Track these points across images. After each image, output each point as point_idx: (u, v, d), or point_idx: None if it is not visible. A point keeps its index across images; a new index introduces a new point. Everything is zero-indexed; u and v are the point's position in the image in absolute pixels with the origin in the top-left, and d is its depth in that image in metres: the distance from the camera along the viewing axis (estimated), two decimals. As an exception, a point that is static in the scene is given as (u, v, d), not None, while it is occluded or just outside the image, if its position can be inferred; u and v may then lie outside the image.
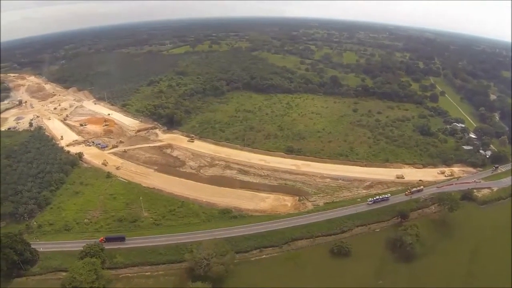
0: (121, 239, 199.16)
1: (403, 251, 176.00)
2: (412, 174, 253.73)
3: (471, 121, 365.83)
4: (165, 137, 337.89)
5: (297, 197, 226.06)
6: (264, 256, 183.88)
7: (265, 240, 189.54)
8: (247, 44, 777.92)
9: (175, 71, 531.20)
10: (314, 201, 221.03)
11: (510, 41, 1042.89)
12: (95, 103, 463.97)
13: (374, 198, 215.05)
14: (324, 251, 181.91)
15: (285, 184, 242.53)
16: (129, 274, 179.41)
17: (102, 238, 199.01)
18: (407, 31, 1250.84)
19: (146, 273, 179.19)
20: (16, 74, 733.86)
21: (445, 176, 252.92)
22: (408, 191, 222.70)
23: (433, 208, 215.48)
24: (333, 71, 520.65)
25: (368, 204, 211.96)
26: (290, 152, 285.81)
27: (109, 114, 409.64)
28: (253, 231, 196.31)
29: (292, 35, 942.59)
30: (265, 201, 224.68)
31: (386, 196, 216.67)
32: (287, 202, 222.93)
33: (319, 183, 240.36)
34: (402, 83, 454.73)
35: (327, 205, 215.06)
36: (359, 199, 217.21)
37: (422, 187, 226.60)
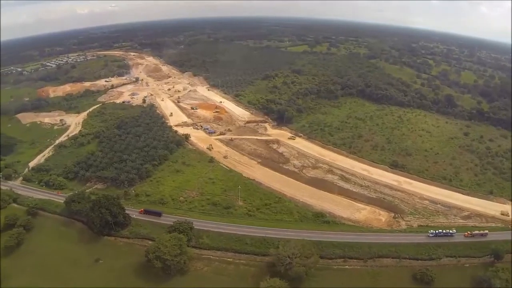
0: (158, 214, 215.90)
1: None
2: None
3: None
4: (273, 132, 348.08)
5: (393, 214, 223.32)
6: (347, 266, 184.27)
7: (351, 251, 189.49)
8: (365, 51, 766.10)
9: (291, 68, 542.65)
10: (409, 221, 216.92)
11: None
12: (208, 90, 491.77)
13: (436, 231, 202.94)
14: (407, 274, 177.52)
15: (383, 198, 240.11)
16: (211, 256, 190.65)
17: (142, 209, 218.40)
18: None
19: (228, 259, 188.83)
20: (136, 54, 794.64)
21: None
22: (468, 232, 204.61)
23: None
24: (448, 89, 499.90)
25: (428, 236, 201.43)
26: (394, 166, 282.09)
27: (221, 102, 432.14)
28: (342, 239, 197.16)
29: (411, 47, 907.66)
30: (360, 212, 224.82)
31: (450, 231, 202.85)
32: (381, 217, 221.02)
33: (417, 204, 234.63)
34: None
35: (420, 228, 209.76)
36: (454, 229, 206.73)
37: (487, 231, 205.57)
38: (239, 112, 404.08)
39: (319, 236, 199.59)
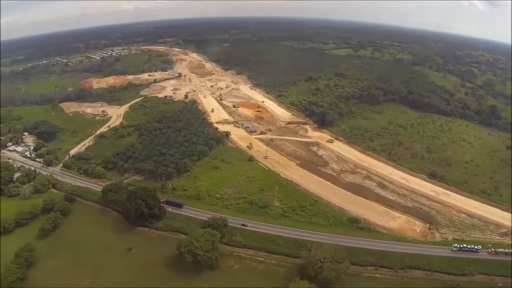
0: (179, 205, 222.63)
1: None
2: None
3: None
4: (314, 134, 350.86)
5: (428, 225, 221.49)
6: (377, 275, 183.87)
7: (383, 260, 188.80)
8: (409, 57, 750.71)
9: (334, 71, 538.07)
10: (444, 233, 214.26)
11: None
12: (251, 88, 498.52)
13: (461, 246, 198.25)
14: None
15: (419, 208, 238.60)
16: (243, 254, 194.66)
17: (164, 200, 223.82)
18: None
19: (260, 258, 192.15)
20: (180, 50, 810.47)
21: None
22: (492, 250, 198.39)
23: None
24: (493, 100, 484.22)
25: (452, 250, 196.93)
26: (433, 176, 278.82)
27: (263, 101, 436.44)
28: (375, 247, 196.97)
29: (455, 54, 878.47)
30: (396, 221, 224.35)
31: (476, 247, 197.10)
32: (416, 227, 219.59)
33: (453, 216, 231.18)
34: None
35: (455, 241, 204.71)
36: (490, 245, 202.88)
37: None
38: (280, 112, 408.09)
39: (352, 241, 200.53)
